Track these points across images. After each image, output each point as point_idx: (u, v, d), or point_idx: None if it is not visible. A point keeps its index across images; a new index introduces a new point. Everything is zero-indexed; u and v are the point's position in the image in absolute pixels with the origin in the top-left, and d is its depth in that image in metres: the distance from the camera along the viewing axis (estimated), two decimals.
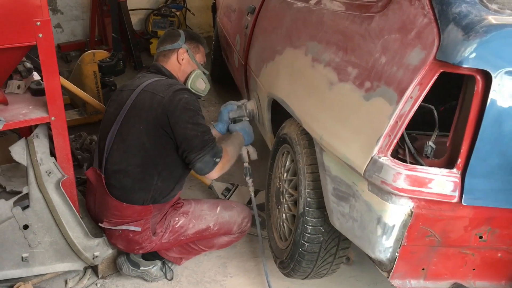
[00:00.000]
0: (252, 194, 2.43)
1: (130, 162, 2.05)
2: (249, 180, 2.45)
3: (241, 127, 2.46)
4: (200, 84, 2.34)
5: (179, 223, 2.18)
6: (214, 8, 4.93)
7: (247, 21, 2.87)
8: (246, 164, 2.46)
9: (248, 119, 2.55)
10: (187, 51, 2.30)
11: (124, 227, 2.07)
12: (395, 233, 1.43)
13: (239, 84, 3.29)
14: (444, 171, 1.34)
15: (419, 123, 1.51)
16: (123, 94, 2.15)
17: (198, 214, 2.21)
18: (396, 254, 1.46)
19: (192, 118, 2.01)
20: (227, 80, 4.28)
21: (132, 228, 2.07)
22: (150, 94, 2.05)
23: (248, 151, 2.47)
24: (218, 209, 2.26)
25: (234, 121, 2.50)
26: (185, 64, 2.30)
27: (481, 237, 1.46)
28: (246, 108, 2.54)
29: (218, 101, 4.49)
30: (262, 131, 2.75)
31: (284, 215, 2.13)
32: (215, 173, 2.07)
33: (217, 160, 2.04)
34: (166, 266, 2.35)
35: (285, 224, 2.13)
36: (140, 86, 2.10)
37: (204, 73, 2.37)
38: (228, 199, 2.82)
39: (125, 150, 2.06)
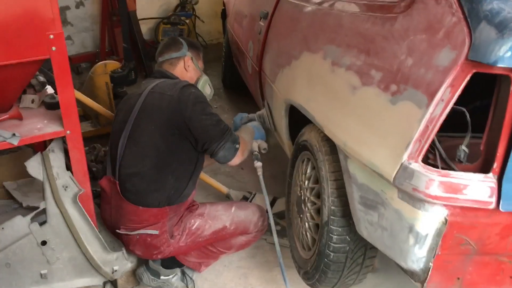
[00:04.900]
0: (261, 176, 2.37)
1: (145, 163, 2.05)
2: (257, 164, 2.41)
3: (252, 124, 2.57)
4: (207, 89, 2.42)
5: (195, 225, 2.18)
6: (223, 15, 4.90)
7: (260, 26, 2.82)
8: (255, 152, 2.46)
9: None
10: (191, 58, 2.34)
11: (142, 231, 2.06)
12: (428, 242, 1.37)
13: (253, 91, 3.24)
14: (480, 176, 1.28)
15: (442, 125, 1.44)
16: (130, 100, 2.17)
17: (214, 214, 2.22)
18: (430, 264, 1.39)
19: (205, 110, 2.05)
20: (239, 86, 4.23)
21: (150, 231, 2.06)
22: (158, 94, 2.07)
23: (258, 145, 2.48)
24: (233, 209, 2.27)
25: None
26: (191, 71, 2.35)
27: None
28: (256, 115, 2.70)
29: (230, 107, 4.45)
30: (279, 139, 2.71)
31: (306, 224, 2.07)
32: (237, 159, 2.12)
33: (237, 146, 2.10)
34: (187, 276, 2.32)
35: (308, 234, 2.07)
36: (147, 89, 2.12)
37: None
38: None
39: (138, 153, 2.06)
